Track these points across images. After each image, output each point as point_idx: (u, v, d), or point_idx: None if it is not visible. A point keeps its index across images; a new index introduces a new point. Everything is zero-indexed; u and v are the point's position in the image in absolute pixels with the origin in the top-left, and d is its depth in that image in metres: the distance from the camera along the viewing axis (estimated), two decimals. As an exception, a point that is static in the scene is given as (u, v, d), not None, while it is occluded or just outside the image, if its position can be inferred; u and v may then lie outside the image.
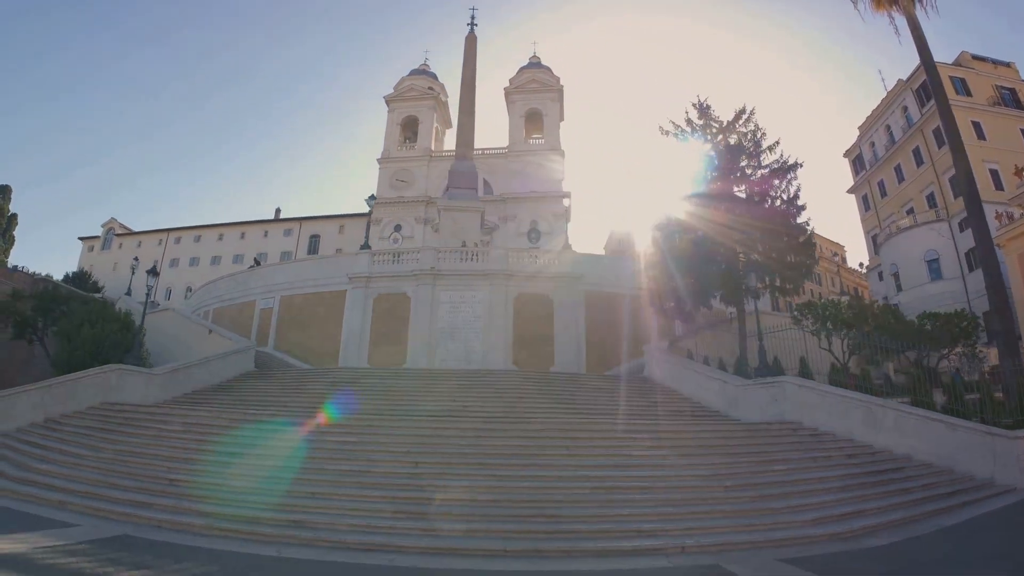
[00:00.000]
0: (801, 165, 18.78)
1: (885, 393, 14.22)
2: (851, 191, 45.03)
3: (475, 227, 31.31)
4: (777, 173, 18.83)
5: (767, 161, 19.20)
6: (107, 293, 34.96)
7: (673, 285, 19.29)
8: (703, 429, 13.43)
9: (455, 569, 6.91)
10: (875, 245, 39.62)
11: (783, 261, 18.02)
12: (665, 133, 20.54)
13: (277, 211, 58.51)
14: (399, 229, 46.50)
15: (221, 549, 7.33)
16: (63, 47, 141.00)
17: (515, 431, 12.36)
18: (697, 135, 20.14)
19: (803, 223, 18.66)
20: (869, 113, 42.43)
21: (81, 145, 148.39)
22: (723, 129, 19.83)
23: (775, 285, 18.45)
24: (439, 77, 54.94)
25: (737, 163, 19.19)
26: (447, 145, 52.14)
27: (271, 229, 55.10)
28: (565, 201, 45.73)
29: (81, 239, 59.70)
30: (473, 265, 22.85)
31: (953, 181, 31.04)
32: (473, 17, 37.66)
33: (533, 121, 49.93)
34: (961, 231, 30.88)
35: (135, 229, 60.08)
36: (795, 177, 18.82)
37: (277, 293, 24.36)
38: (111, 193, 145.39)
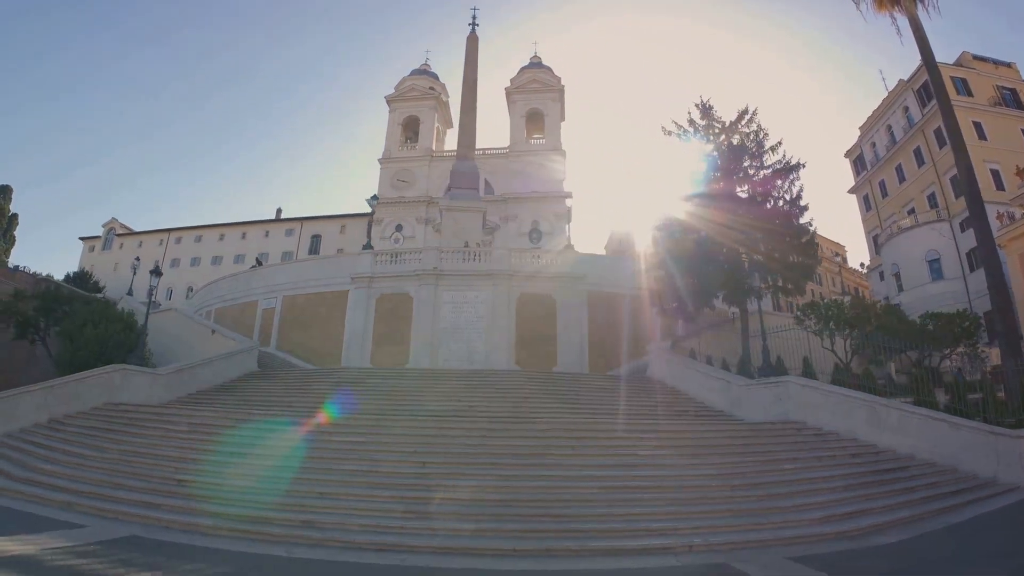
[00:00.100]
0: (804, 165, 18.89)
1: (888, 393, 14.26)
2: (852, 191, 45.02)
3: (477, 227, 31.33)
4: (780, 173, 18.91)
5: (770, 161, 19.29)
6: (108, 293, 34.92)
7: (675, 285, 19.35)
8: (708, 429, 13.47)
9: (467, 569, 6.93)
10: (876, 245, 39.63)
11: (785, 261, 18.09)
12: (668, 133, 20.61)
13: (278, 211, 58.54)
14: (400, 229, 46.47)
15: (231, 550, 7.32)
16: (63, 47, 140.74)
17: (521, 431, 12.40)
18: (699, 135, 20.21)
19: (805, 223, 18.77)
20: (870, 113, 42.39)
21: (81, 145, 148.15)
22: (726, 129, 19.90)
23: (777, 285, 18.51)
24: (440, 77, 54.91)
25: (740, 163, 19.25)
26: (448, 145, 52.09)
27: (272, 229, 55.10)
28: (567, 201, 45.67)
29: (82, 239, 59.60)
30: (475, 265, 22.88)
31: (954, 181, 31.11)
32: (475, 17, 37.66)
33: (534, 121, 49.87)
34: (962, 231, 30.91)
35: (136, 229, 60.02)
36: (798, 177, 18.95)
37: (279, 293, 24.38)
38: (111, 193, 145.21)
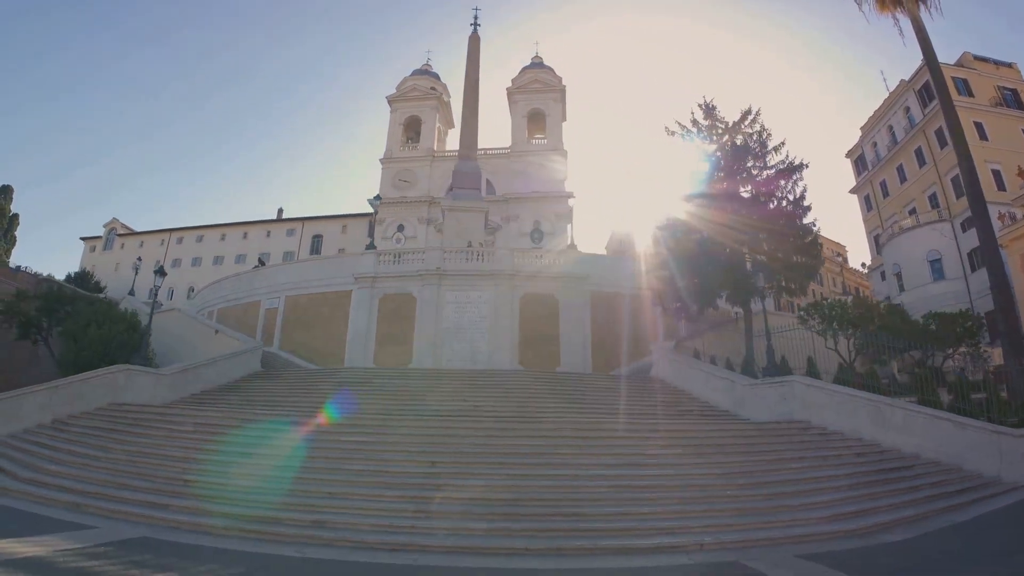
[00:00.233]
0: (807, 166, 18.92)
1: (892, 392, 14.31)
2: (853, 191, 45.05)
3: (479, 227, 31.29)
4: (783, 174, 18.93)
5: (773, 162, 19.31)
6: (109, 293, 34.84)
7: (677, 285, 19.37)
8: (713, 428, 13.51)
9: (480, 568, 6.94)
10: (877, 245, 39.67)
11: (788, 262, 18.11)
12: (671, 133, 20.63)
13: (280, 211, 58.49)
14: (402, 229, 46.41)
15: (242, 550, 7.31)
16: (63, 47, 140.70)
17: (528, 431, 12.43)
18: (702, 135, 20.24)
19: (809, 224, 18.77)
20: (871, 113, 42.41)
21: (81, 145, 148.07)
22: (729, 130, 19.93)
23: (780, 285, 18.53)
24: (441, 77, 54.82)
25: (743, 163, 19.27)
26: (449, 145, 52.02)
27: (274, 229, 55.06)
28: (569, 201, 45.65)
29: (83, 239, 59.49)
30: (478, 265, 22.89)
31: (955, 181, 31.17)
32: (476, 17, 37.52)
33: (535, 121, 49.80)
34: (964, 231, 30.99)
35: (137, 229, 59.95)
36: (801, 178, 18.96)
37: (282, 293, 24.37)
38: (112, 193, 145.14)
